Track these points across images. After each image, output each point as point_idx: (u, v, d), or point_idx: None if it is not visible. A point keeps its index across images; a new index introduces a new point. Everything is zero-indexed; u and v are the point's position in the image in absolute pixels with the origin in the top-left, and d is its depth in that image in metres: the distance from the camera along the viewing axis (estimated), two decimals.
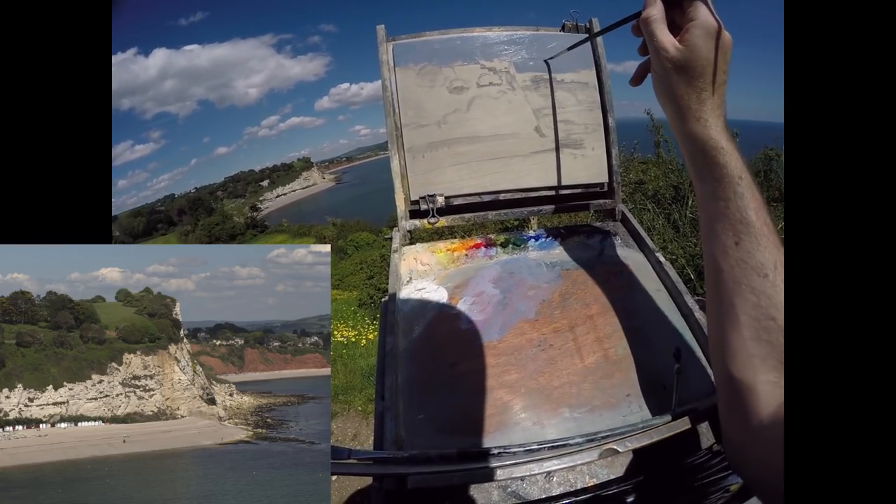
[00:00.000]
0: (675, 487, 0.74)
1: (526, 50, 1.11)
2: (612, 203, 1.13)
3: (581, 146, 1.11)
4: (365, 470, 0.67)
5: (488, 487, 0.79)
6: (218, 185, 76.88)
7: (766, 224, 0.64)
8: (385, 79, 1.07)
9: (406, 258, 1.04)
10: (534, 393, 0.82)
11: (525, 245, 1.06)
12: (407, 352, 0.86)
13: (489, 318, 0.91)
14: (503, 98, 1.08)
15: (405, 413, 0.78)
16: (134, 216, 63.24)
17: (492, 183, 1.08)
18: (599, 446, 0.68)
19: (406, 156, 1.06)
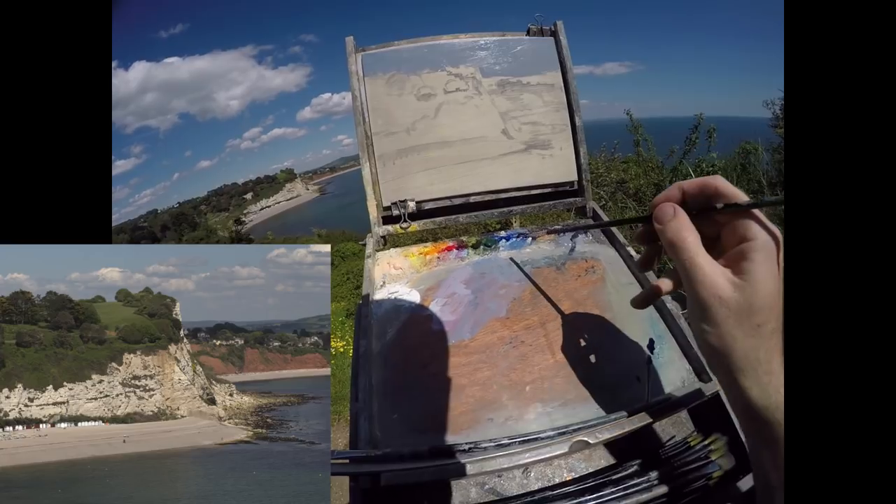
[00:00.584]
0: (654, 478, 0.75)
1: (492, 55, 1.14)
2: (582, 201, 1.16)
3: (549, 146, 1.13)
4: (341, 469, 0.67)
5: (466, 485, 0.80)
6: (201, 199, 76.18)
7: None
8: (354, 89, 1.09)
9: (380, 263, 1.05)
10: (506, 389, 0.83)
11: (496, 246, 1.08)
12: (380, 354, 0.87)
13: (461, 318, 0.93)
14: (470, 103, 1.11)
15: (379, 413, 0.79)
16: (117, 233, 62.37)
17: (462, 186, 1.10)
18: (570, 439, 0.70)
19: (377, 163, 1.08)
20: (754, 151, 5.37)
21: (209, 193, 77.53)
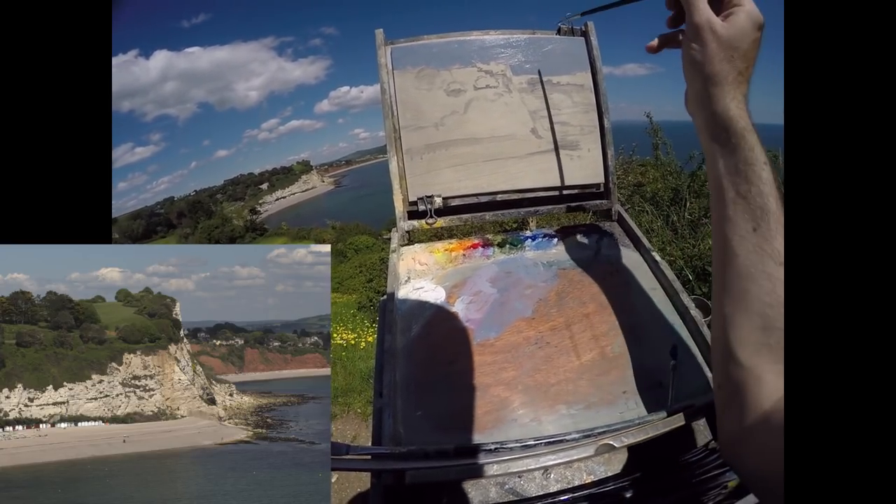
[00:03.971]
0: (672, 484, 0.74)
1: (522, 53, 1.13)
2: (608, 203, 1.14)
3: (577, 147, 1.12)
4: (363, 465, 0.67)
5: (486, 484, 0.80)
6: (217, 187, 76.72)
7: (783, 214, 0.63)
8: (384, 82, 1.08)
9: (404, 258, 1.05)
10: (531, 390, 0.83)
11: (522, 245, 1.07)
12: (405, 350, 0.87)
13: (486, 317, 0.92)
14: (500, 100, 1.10)
15: (403, 410, 0.79)
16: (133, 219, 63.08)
17: (489, 184, 1.09)
18: (595, 442, 0.69)
19: (404, 157, 1.08)
20: (774, 159, 5.29)
21: (225, 182, 78.06)
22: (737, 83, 0.67)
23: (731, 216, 0.66)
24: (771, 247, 0.62)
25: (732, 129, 0.67)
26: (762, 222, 0.63)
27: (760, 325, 0.61)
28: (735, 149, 0.66)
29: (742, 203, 0.65)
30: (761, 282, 0.62)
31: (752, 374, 0.61)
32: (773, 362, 0.60)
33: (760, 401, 0.59)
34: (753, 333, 0.62)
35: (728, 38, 0.66)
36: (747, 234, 0.64)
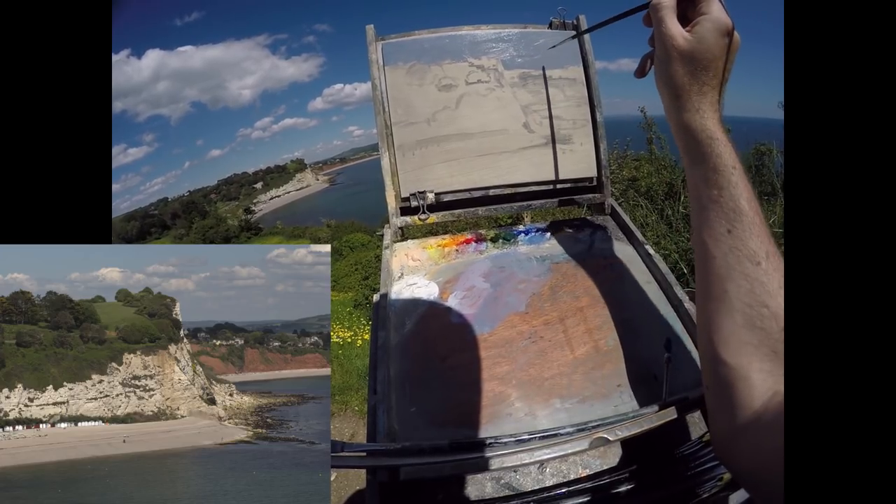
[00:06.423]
0: (667, 477, 0.75)
1: (514, 47, 1.12)
2: (601, 197, 1.14)
3: (569, 141, 1.12)
4: (358, 462, 0.67)
5: (482, 479, 0.80)
6: (211, 187, 76.55)
7: (758, 213, 0.65)
8: (374, 77, 1.08)
9: (397, 254, 1.05)
10: (525, 384, 0.83)
11: (515, 240, 1.07)
12: (399, 346, 0.87)
13: (480, 312, 0.92)
14: (491, 95, 1.09)
15: (398, 406, 0.78)
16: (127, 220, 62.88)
17: (481, 179, 1.09)
18: (590, 435, 0.69)
19: (396, 153, 1.07)
20: (769, 153, 5.30)
21: (219, 182, 77.88)
22: (701, 94, 0.69)
23: (706, 220, 0.68)
24: (746, 247, 0.64)
25: (697, 139, 0.69)
26: (736, 224, 0.65)
27: (742, 325, 0.63)
28: (703, 157, 0.68)
29: (715, 207, 0.67)
30: (739, 282, 0.64)
31: (738, 374, 0.62)
32: (758, 360, 0.61)
33: (749, 400, 0.60)
34: (736, 333, 0.63)
35: (689, 51, 0.68)
36: (722, 236, 0.66)
